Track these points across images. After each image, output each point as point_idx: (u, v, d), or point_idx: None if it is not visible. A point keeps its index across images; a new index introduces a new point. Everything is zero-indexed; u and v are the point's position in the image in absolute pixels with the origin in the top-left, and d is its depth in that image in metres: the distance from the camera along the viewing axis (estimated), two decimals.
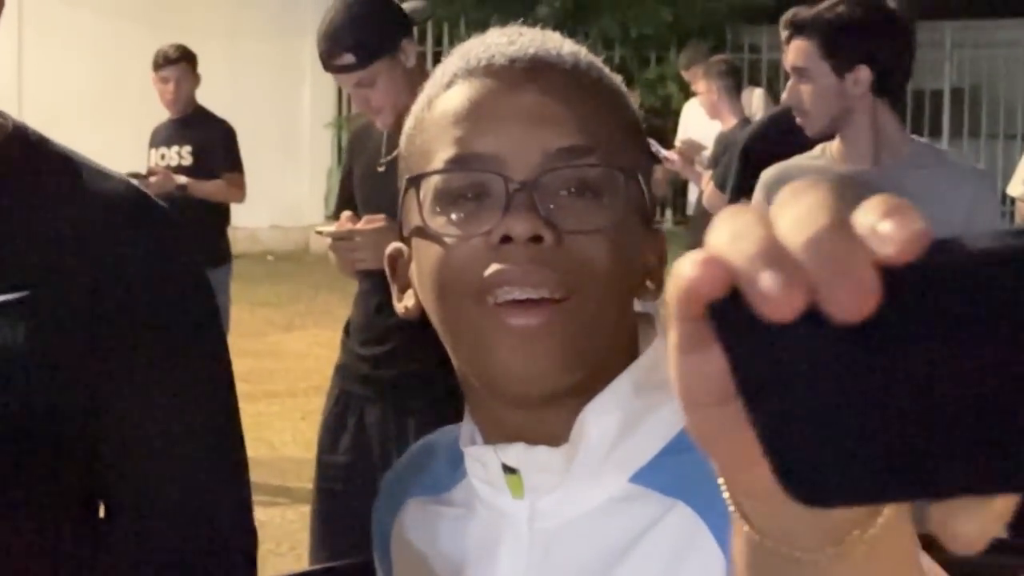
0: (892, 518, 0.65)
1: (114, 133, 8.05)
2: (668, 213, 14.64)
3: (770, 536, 0.66)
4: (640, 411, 1.29)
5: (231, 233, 7.64)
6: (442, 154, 1.28)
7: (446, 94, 1.31)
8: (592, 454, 1.26)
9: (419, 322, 1.39)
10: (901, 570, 0.69)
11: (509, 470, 1.29)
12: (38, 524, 1.63)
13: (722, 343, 0.57)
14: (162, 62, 7.59)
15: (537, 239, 1.22)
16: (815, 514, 0.62)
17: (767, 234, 0.56)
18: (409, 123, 1.36)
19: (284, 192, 14.96)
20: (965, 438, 0.54)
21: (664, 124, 12.92)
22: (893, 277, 0.53)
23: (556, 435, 1.26)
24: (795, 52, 3.83)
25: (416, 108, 1.36)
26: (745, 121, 8.13)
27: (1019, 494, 0.60)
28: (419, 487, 1.45)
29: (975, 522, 0.59)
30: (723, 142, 7.74)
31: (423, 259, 1.30)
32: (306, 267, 14.32)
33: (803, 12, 3.78)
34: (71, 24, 15.34)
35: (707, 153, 8.41)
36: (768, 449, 0.58)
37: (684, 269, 0.57)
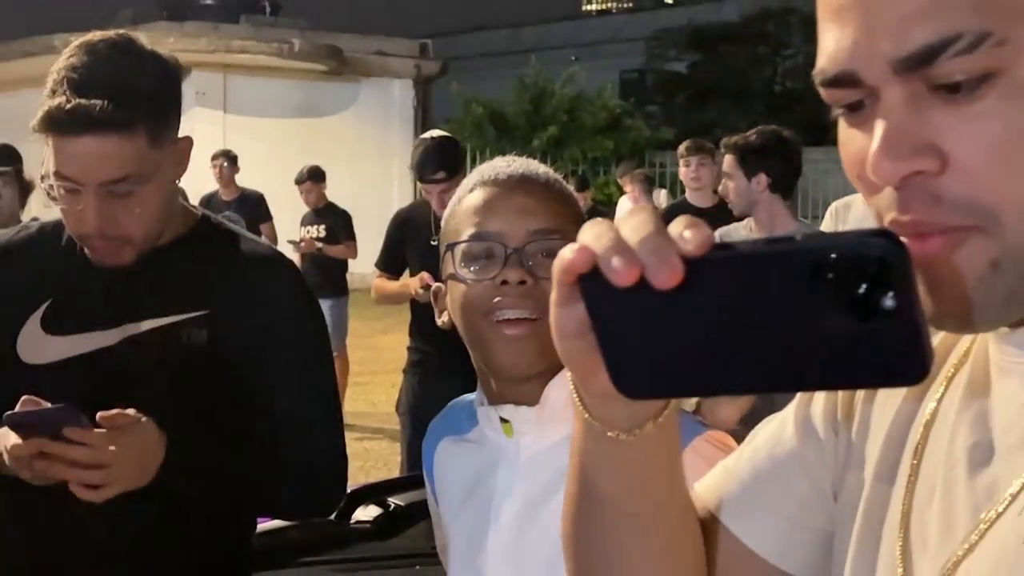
0: (671, 413, 0.67)
1: (281, 219, 8.01)
2: None
3: (600, 420, 0.67)
4: None
5: (349, 276, 7.52)
6: (467, 231, 1.25)
7: (469, 195, 1.28)
8: (552, 411, 1.23)
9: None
10: (672, 446, 0.70)
11: (504, 420, 1.27)
12: (224, 441, 1.55)
13: (584, 298, 0.58)
14: (296, 182, 7.58)
15: (523, 283, 1.20)
16: (630, 405, 0.64)
17: (616, 235, 0.56)
18: (447, 212, 1.33)
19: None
20: (730, 359, 0.55)
21: (608, 212, 12.80)
22: (690, 263, 0.54)
23: (532, 399, 1.24)
24: (726, 162, 3.81)
25: (452, 203, 1.32)
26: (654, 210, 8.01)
27: (762, 394, 0.61)
28: (449, 431, 1.40)
29: (728, 410, 0.61)
30: None
31: (455, 293, 1.26)
32: None
33: (733, 138, 3.91)
34: (255, 151, 14.99)
35: None
36: (608, 361, 0.59)
37: (566, 253, 0.58)
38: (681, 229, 0.55)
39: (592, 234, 0.58)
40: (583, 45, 27.98)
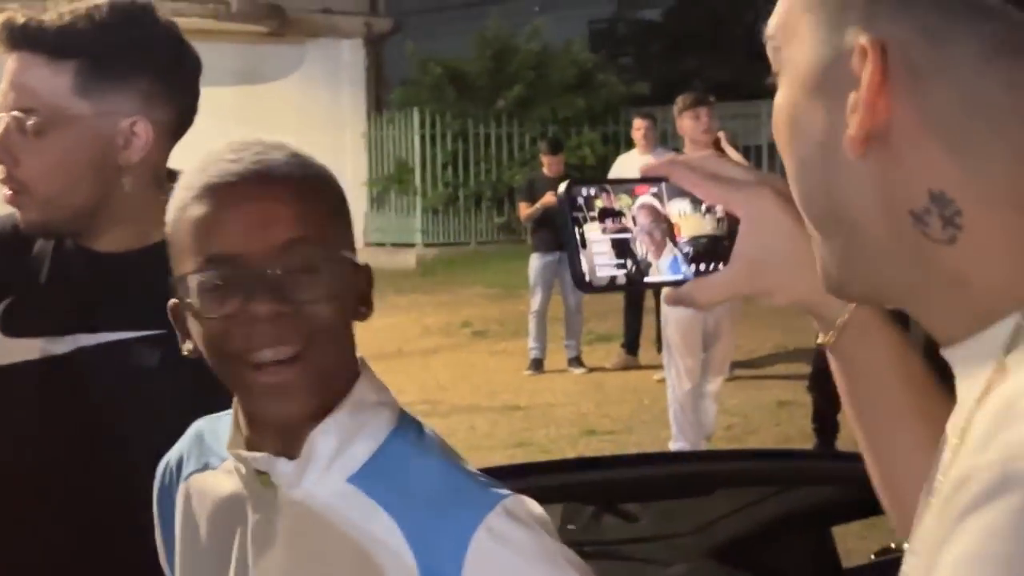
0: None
1: None
2: None
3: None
4: (354, 429, 1.12)
5: None
6: (195, 258, 1.09)
7: (193, 204, 1.10)
8: (318, 464, 1.10)
9: None
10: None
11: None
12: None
13: None
14: None
15: (279, 314, 1.05)
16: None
17: None
18: (170, 224, 1.15)
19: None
20: None
21: (581, 175, 12.29)
22: None
23: (293, 447, 1.10)
24: None
25: (172, 211, 1.12)
26: None
27: None
28: (195, 466, 1.24)
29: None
30: None
31: (196, 328, 1.11)
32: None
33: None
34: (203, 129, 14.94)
35: None
36: None
37: None
38: None
39: None
40: None
